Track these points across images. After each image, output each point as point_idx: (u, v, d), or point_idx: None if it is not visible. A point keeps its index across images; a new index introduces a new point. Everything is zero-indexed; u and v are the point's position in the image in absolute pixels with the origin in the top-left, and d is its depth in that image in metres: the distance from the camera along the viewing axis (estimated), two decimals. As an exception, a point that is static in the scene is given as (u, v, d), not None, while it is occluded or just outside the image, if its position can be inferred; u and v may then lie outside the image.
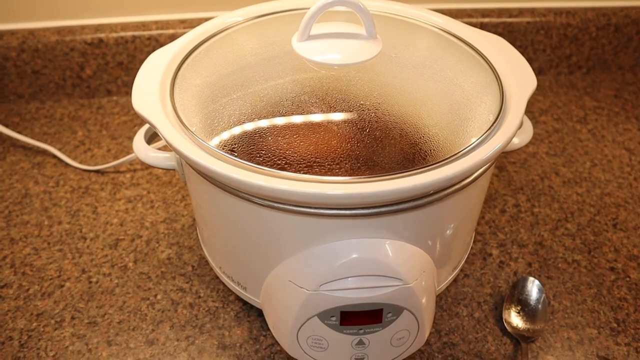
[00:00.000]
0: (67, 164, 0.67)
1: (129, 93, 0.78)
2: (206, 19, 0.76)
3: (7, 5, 0.72)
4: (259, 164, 0.37)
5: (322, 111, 0.41)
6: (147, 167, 0.67)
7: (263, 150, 0.38)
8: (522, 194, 0.64)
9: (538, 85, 0.45)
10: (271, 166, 0.37)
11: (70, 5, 0.73)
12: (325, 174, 0.37)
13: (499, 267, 0.56)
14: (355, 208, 0.37)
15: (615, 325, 0.51)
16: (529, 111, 0.77)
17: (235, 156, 0.37)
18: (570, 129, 0.75)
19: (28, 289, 0.54)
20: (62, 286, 0.54)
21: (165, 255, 0.57)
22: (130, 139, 0.72)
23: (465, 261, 0.53)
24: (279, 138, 0.39)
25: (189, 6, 0.75)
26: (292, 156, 0.38)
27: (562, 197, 0.64)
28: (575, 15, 0.80)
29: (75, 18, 0.74)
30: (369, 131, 0.39)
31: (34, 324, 0.51)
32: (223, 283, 0.53)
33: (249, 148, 0.38)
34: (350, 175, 0.37)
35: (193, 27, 0.74)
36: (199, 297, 0.53)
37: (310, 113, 0.41)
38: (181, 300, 0.53)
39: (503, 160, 0.69)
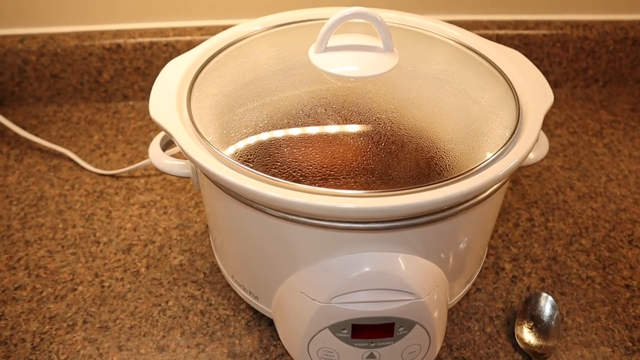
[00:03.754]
0: (82, 168, 0.68)
1: (145, 98, 0.79)
2: (223, 26, 0.76)
3: (29, 10, 0.73)
4: (274, 175, 0.37)
5: (338, 124, 0.41)
6: (161, 172, 0.67)
7: (278, 162, 0.38)
8: (536, 208, 0.64)
9: (554, 98, 0.45)
10: (286, 178, 0.37)
11: (90, 10, 0.74)
12: (340, 187, 0.37)
13: (511, 282, 0.56)
14: (370, 222, 0.37)
15: (630, 344, 0.50)
16: (544, 124, 0.76)
17: (251, 167, 0.37)
18: (586, 142, 0.74)
19: (41, 292, 0.54)
20: (75, 290, 0.54)
21: (177, 262, 0.57)
22: (146, 144, 0.72)
23: (478, 275, 0.53)
24: (295, 150, 0.39)
25: (206, 13, 0.76)
26: (308, 168, 0.38)
27: (577, 212, 0.63)
28: (593, 28, 0.79)
29: (94, 23, 0.75)
30: (384, 145, 0.39)
31: (47, 327, 0.51)
32: (234, 291, 0.53)
33: (264, 159, 0.38)
34: (365, 189, 0.37)
35: (210, 34, 0.75)
36: (210, 304, 0.53)
37: (326, 125, 0.41)
38: (192, 307, 0.53)
39: (517, 174, 0.68)
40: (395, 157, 0.39)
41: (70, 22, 0.75)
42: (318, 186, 0.36)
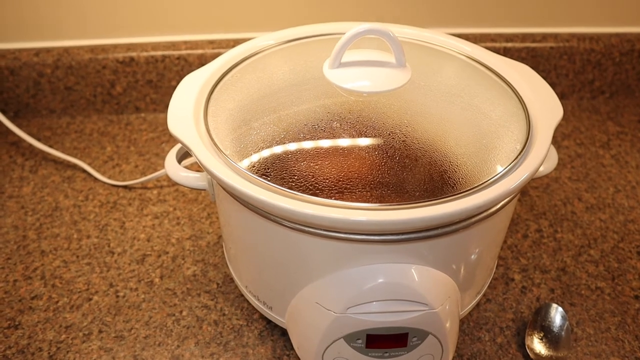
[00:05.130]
0: (96, 179, 0.69)
1: (156, 110, 0.80)
2: (234, 40, 0.78)
3: (44, 24, 0.75)
4: (291, 188, 0.38)
5: (353, 138, 0.42)
6: (173, 183, 0.68)
7: (295, 175, 0.39)
8: (545, 219, 0.64)
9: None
10: (303, 191, 0.38)
11: (104, 24, 0.76)
12: (356, 200, 0.38)
13: (521, 293, 0.56)
14: (384, 234, 0.38)
15: None
16: (552, 135, 0.77)
17: (269, 180, 0.38)
18: (593, 154, 0.75)
19: (57, 301, 0.55)
20: (90, 299, 0.55)
21: (190, 272, 0.58)
22: (157, 155, 0.73)
23: (488, 286, 0.54)
24: (311, 163, 0.40)
25: (218, 27, 0.77)
26: (324, 182, 0.39)
27: (585, 223, 0.64)
28: (599, 40, 0.80)
29: (108, 37, 0.77)
30: (398, 159, 0.40)
31: (63, 336, 0.52)
32: (247, 301, 0.54)
33: (281, 172, 0.39)
34: (380, 202, 0.38)
35: (221, 47, 0.76)
36: (224, 314, 0.54)
37: (342, 140, 0.42)
38: (206, 317, 0.53)
39: (525, 185, 0.69)
40: (409, 170, 0.40)
41: (84, 36, 0.76)
42: (334, 199, 0.37)
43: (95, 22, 0.75)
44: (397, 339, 0.41)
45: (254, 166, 0.40)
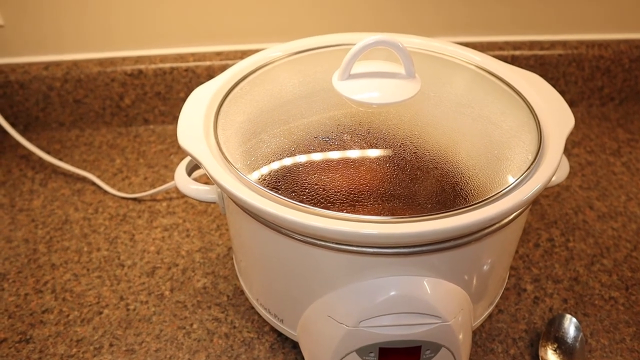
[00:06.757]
0: (105, 192, 0.69)
1: (165, 122, 0.80)
2: (241, 51, 0.78)
3: (53, 38, 0.75)
4: (301, 201, 0.38)
5: (364, 150, 0.42)
6: (182, 195, 0.68)
7: (306, 188, 0.39)
8: (556, 228, 0.64)
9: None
10: (315, 204, 0.37)
11: (112, 38, 0.76)
12: (367, 212, 0.37)
13: (533, 303, 0.56)
14: (396, 247, 0.37)
15: (655, 366, 0.50)
16: (561, 143, 0.77)
17: (280, 194, 0.38)
18: (604, 161, 0.74)
19: (68, 315, 0.55)
20: (101, 313, 0.55)
21: (200, 285, 0.58)
22: (166, 167, 0.73)
23: (500, 297, 0.53)
24: (322, 177, 0.40)
25: (225, 39, 0.78)
26: (336, 195, 0.38)
27: (597, 232, 0.63)
28: (608, 47, 0.80)
29: (116, 50, 0.77)
30: (410, 171, 0.40)
31: (74, 350, 0.52)
32: (258, 314, 0.54)
33: (292, 186, 0.39)
34: (392, 214, 0.37)
35: (229, 59, 0.77)
36: (234, 327, 0.54)
37: (353, 152, 0.42)
38: (217, 330, 0.53)
39: (536, 193, 0.69)
40: (421, 182, 0.40)
41: (93, 49, 0.77)
42: (346, 212, 0.37)
43: (104, 36, 0.76)
44: (410, 352, 0.41)
45: (264, 179, 0.40)
